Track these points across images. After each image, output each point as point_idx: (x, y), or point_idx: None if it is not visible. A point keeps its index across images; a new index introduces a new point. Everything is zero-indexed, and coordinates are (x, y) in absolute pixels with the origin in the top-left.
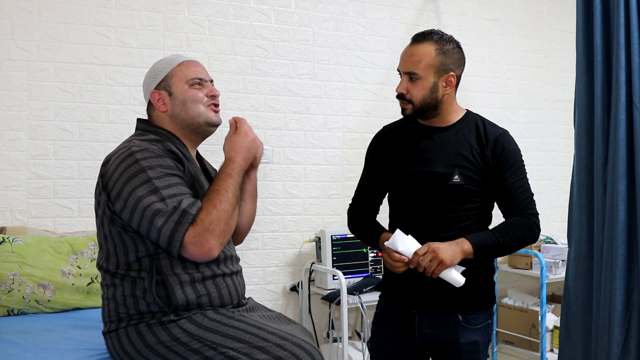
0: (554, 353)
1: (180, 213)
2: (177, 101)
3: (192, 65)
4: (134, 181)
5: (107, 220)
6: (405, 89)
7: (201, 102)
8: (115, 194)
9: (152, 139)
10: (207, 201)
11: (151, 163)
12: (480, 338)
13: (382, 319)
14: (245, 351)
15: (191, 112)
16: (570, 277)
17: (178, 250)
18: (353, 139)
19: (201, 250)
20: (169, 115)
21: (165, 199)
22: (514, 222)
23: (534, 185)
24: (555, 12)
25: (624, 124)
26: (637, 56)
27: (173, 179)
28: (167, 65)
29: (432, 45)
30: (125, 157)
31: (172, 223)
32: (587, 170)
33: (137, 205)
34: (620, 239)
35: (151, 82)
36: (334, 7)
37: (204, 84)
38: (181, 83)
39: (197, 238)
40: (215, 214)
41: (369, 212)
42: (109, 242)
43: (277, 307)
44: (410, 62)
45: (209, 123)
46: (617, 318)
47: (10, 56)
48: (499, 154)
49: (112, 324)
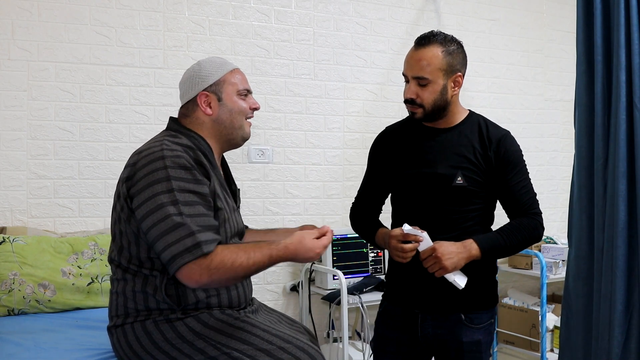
0: (554, 353)
1: (195, 243)
2: (226, 108)
3: (241, 75)
4: (157, 187)
5: (125, 217)
6: (415, 94)
7: (245, 115)
8: (136, 191)
9: (185, 143)
10: (235, 249)
11: (178, 174)
12: (483, 337)
13: (385, 318)
14: (250, 353)
15: (235, 122)
16: (570, 277)
17: (173, 272)
18: (353, 139)
19: (189, 282)
20: (213, 120)
21: (182, 214)
22: (521, 223)
23: (534, 185)
24: (555, 12)
25: (624, 124)
26: (637, 56)
27: (193, 196)
28: (218, 69)
29: (438, 48)
30: (155, 158)
31: (181, 247)
32: (587, 170)
33: (157, 210)
34: (620, 239)
35: (200, 82)
36: (334, 7)
37: (248, 95)
38: (233, 91)
39: (194, 271)
40: (229, 265)
41: (371, 211)
42: (124, 238)
43: (278, 307)
44: (419, 66)
45: (244, 137)
46: (617, 318)
47: (10, 56)
48: (502, 155)
49: (118, 319)
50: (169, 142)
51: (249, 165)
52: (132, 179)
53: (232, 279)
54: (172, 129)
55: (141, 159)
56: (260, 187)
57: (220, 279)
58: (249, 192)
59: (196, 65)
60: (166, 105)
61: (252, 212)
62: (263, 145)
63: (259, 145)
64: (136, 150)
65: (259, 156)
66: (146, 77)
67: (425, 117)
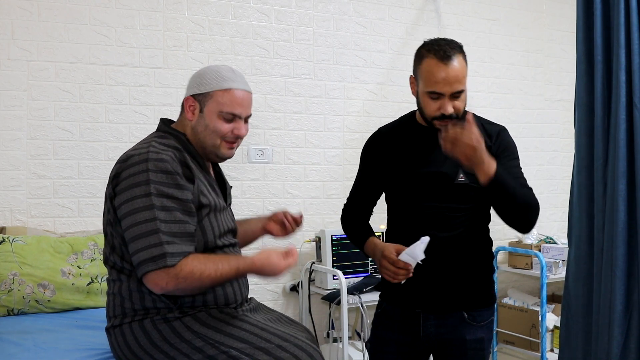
0: (554, 353)
1: (160, 253)
2: (202, 122)
3: (235, 98)
4: (136, 190)
5: (112, 218)
6: (455, 108)
7: (220, 136)
8: (118, 191)
9: (172, 144)
10: (205, 260)
11: (158, 178)
12: (485, 335)
13: (384, 319)
14: (248, 352)
15: (208, 139)
16: (570, 277)
17: (140, 277)
18: (353, 139)
19: (154, 287)
20: (192, 126)
21: (157, 219)
22: (522, 187)
23: (534, 185)
24: (555, 12)
25: (624, 124)
26: (637, 56)
27: (170, 201)
28: (214, 81)
29: (460, 55)
30: (139, 160)
31: (147, 254)
32: (587, 170)
33: (132, 214)
34: (620, 239)
35: (194, 86)
36: (334, 7)
37: (236, 120)
38: (215, 109)
39: (161, 278)
40: (197, 276)
41: (362, 213)
42: (115, 239)
43: (277, 307)
44: (458, 81)
45: (218, 156)
46: (617, 318)
47: (10, 56)
48: (503, 145)
49: (116, 319)
50: (157, 143)
51: (248, 165)
52: (117, 179)
53: (197, 288)
54: (162, 130)
55: (128, 160)
56: (260, 187)
57: (186, 288)
58: (248, 192)
59: (206, 68)
60: (166, 105)
61: (252, 212)
62: (263, 145)
63: (258, 145)
64: (125, 152)
65: (259, 156)
66: (146, 77)
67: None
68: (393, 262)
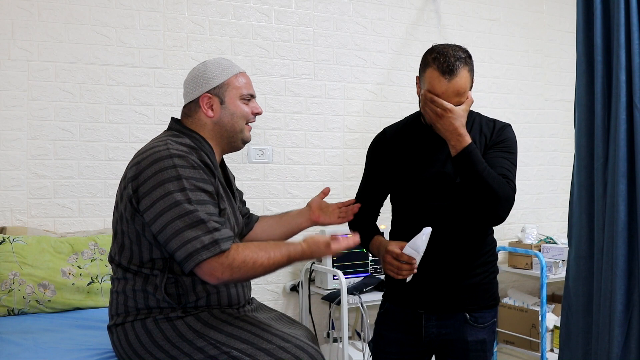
0: (554, 353)
1: (212, 241)
2: (227, 112)
3: (246, 79)
4: (169, 185)
5: (128, 216)
6: None
7: (246, 119)
8: (146, 190)
9: (187, 143)
10: (256, 248)
11: (187, 173)
12: (487, 336)
13: (387, 319)
14: (249, 352)
15: (236, 126)
16: (570, 277)
17: (191, 269)
18: (353, 139)
19: (211, 278)
20: (214, 122)
21: (198, 211)
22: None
23: (534, 185)
24: (555, 12)
25: (624, 124)
26: (637, 56)
27: (204, 195)
28: (223, 71)
29: (465, 68)
30: (162, 157)
31: (199, 244)
32: (587, 170)
33: (172, 208)
34: (620, 239)
35: (204, 84)
36: (334, 7)
37: (252, 100)
38: (236, 95)
39: (216, 268)
40: (250, 264)
41: (370, 214)
42: (126, 237)
43: (277, 307)
44: (458, 96)
45: (244, 141)
46: (617, 318)
47: (10, 56)
48: (499, 137)
49: (118, 318)
50: (173, 141)
51: (248, 165)
52: (139, 177)
53: (251, 276)
54: (174, 129)
55: (146, 158)
56: (260, 187)
57: (240, 277)
58: (248, 192)
59: (202, 65)
60: (166, 105)
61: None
62: (263, 145)
63: (259, 145)
64: (139, 151)
65: (259, 156)
66: (146, 77)
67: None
68: (397, 256)
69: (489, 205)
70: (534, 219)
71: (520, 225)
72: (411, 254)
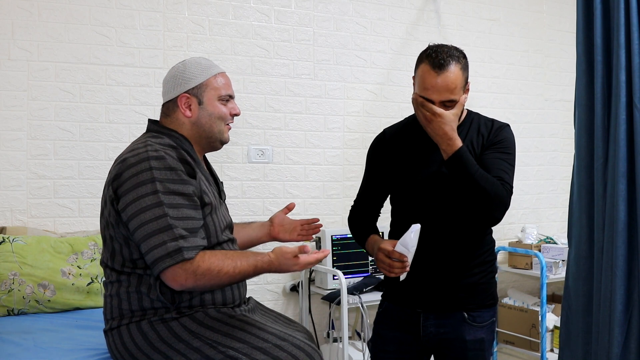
0: (554, 353)
1: (176, 248)
2: (205, 112)
3: (225, 80)
4: (142, 189)
5: (113, 221)
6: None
7: (224, 120)
8: (122, 192)
9: (167, 143)
10: (223, 256)
11: (163, 176)
12: (485, 336)
13: (386, 318)
14: (245, 351)
15: (214, 126)
16: (570, 277)
17: (157, 274)
18: (353, 139)
19: (173, 284)
20: (192, 122)
21: (167, 216)
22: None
23: (534, 185)
24: (555, 12)
25: (624, 124)
26: (637, 56)
27: (178, 198)
28: (202, 71)
29: (457, 66)
30: (140, 159)
31: (163, 251)
32: (587, 170)
33: (142, 213)
34: (620, 239)
35: (182, 83)
36: (334, 7)
37: (230, 101)
38: (214, 96)
39: (179, 275)
40: (215, 272)
41: (370, 214)
42: (115, 242)
43: (277, 307)
44: (447, 91)
45: (222, 141)
46: (617, 318)
47: (10, 56)
48: (495, 137)
49: (114, 321)
50: (152, 142)
51: (248, 165)
52: (118, 180)
53: (216, 285)
54: (153, 130)
55: (125, 160)
56: (260, 187)
57: (204, 285)
58: (248, 192)
59: (181, 65)
60: None
61: (252, 212)
62: (263, 145)
63: (259, 145)
64: (120, 154)
65: (259, 156)
66: (146, 77)
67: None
68: (388, 254)
69: (483, 208)
70: (534, 219)
71: (520, 225)
72: (402, 251)
